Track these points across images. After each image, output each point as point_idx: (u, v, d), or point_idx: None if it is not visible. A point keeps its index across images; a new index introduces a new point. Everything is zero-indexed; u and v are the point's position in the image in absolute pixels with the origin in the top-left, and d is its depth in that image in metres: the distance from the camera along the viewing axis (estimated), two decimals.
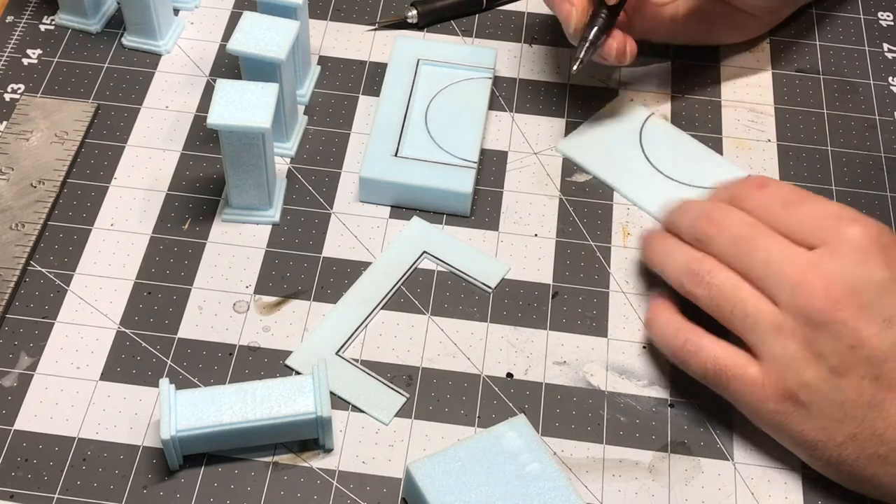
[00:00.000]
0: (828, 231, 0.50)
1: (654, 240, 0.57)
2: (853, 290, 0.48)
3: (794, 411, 0.50)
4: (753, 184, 0.54)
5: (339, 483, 0.51)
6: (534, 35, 0.71)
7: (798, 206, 0.52)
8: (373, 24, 0.71)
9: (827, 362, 0.49)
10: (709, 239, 0.53)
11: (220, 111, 0.55)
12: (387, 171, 0.61)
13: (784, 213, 0.52)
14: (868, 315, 0.48)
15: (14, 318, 0.56)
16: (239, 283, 0.58)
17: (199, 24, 0.70)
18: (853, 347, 0.48)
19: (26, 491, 0.50)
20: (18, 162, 0.62)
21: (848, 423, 0.49)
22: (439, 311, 0.57)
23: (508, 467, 0.49)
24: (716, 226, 0.53)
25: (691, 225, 0.54)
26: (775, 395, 0.50)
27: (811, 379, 0.49)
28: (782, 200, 0.52)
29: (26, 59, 0.67)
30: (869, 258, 0.49)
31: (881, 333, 0.48)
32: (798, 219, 0.51)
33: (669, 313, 0.54)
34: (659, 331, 0.54)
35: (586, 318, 0.58)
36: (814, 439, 0.50)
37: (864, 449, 0.49)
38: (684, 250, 0.54)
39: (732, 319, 0.51)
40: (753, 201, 0.53)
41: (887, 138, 0.66)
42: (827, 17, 0.73)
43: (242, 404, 0.50)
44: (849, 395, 0.48)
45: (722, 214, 0.53)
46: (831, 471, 0.51)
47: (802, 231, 0.51)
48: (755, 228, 0.52)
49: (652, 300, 0.56)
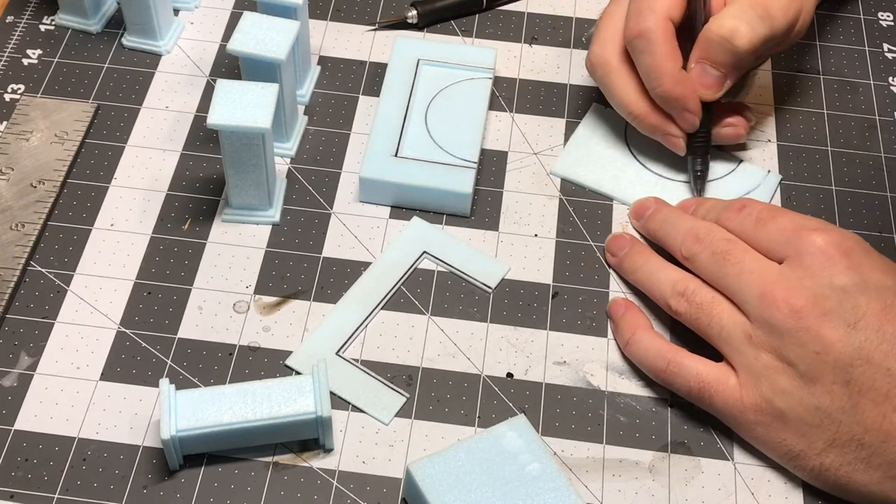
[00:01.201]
0: (791, 243, 0.52)
1: (635, 256, 0.58)
2: (815, 298, 0.50)
3: (772, 421, 0.51)
4: (734, 207, 0.56)
5: (339, 483, 0.51)
6: (534, 35, 0.71)
7: (768, 223, 0.53)
8: (373, 24, 0.71)
9: (797, 369, 0.50)
10: (694, 256, 0.55)
11: (220, 111, 0.55)
12: (387, 171, 0.61)
13: (756, 230, 0.54)
14: (832, 321, 0.49)
15: (14, 318, 0.56)
16: (239, 284, 0.58)
17: (199, 24, 0.70)
18: (819, 353, 0.49)
19: (26, 491, 0.50)
20: (18, 162, 0.62)
21: (825, 429, 0.49)
22: (439, 311, 0.57)
23: (508, 467, 0.49)
24: (700, 243, 0.55)
25: (682, 241, 0.56)
26: (753, 405, 0.51)
27: (785, 385, 0.50)
28: (756, 218, 0.54)
29: (26, 60, 0.67)
30: (831, 265, 0.50)
31: (845, 339, 0.49)
32: (767, 234, 0.53)
33: (649, 335, 0.55)
34: (641, 354, 0.55)
35: (586, 318, 0.58)
36: (795, 448, 0.50)
37: (846, 455, 0.49)
38: (668, 272, 0.56)
39: (710, 332, 0.53)
40: (732, 223, 0.55)
41: (887, 138, 0.66)
42: (827, 17, 0.73)
43: (242, 404, 0.50)
44: (822, 400, 0.49)
45: (705, 232, 0.55)
46: (818, 481, 0.51)
47: (772, 246, 0.53)
48: (732, 244, 0.54)
49: (621, 318, 0.56)
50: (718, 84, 0.59)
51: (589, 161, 0.64)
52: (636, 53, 0.59)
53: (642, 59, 0.59)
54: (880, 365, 0.48)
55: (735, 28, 0.57)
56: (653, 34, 0.58)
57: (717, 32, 0.58)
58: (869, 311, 0.49)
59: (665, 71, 0.58)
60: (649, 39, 0.58)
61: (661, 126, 0.61)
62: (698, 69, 0.59)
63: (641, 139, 0.64)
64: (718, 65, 0.59)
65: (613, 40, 0.61)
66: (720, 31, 0.58)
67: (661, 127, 0.61)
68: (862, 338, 0.49)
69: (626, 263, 0.58)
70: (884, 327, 0.49)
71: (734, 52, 0.58)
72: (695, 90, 0.59)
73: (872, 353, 0.48)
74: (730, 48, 0.58)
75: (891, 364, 0.48)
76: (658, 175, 0.63)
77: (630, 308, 0.57)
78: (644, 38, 0.58)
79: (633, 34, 0.59)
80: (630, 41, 0.59)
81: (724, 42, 0.58)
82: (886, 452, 0.48)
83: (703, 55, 0.59)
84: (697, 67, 0.59)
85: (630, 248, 0.58)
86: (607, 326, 0.57)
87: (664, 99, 0.59)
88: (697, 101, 0.60)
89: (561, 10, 0.72)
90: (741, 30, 0.57)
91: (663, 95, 0.59)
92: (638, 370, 0.56)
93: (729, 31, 0.57)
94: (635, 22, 0.59)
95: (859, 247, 0.52)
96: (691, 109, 0.60)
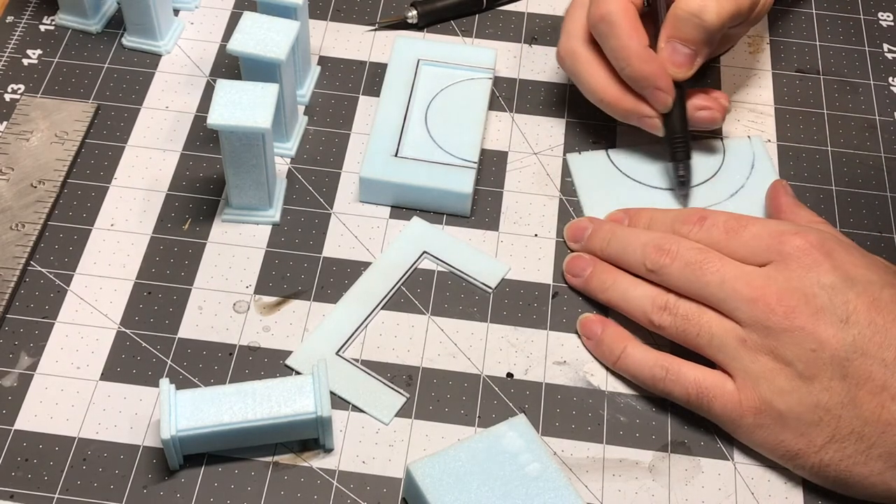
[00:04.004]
0: (772, 248, 0.52)
1: (601, 275, 0.57)
2: (806, 297, 0.50)
3: (771, 423, 0.51)
4: (692, 219, 0.56)
5: (339, 483, 0.51)
6: (534, 35, 0.71)
7: (740, 231, 0.54)
8: (373, 24, 0.71)
9: (795, 368, 0.50)
10: (661, 268, 0.54)
11: (220, 111, 0.55)
12: (387, 171, 0.61)
13: (728, 240, 0.54)
14: (824, 318, 0.50)
15: (14, 318, 0.56)
16: (239, 283, 0.58)
17: (199, 24, 0.70)
18: (815, 351, 0.49)
19: (26, 491, 0.50)
20: (18, 162, 0.62)
21: (825, 426, 0.49)
22: (439, 311, 0.57)
23: (508, 467, 0.49)
24: (667, 255, 0.54)
25: (642, 254, 0.55)
26: (752, 408, 0.51)
27: (784, 385, 0.50)
28: (724, 229, 0.54)
29: (26, 60, 0.67)
30: (816, 265, 0.51)
31: (839, 334, 0.49)
32: (743, 242, 0.53)
33: (640, 348, 0.55)
34: (635, 367, 0.54)
35: None
36: (794, 448, 0.50)
37: (845, 449, 0.49)
38: (643, 288, 0.55)
39: (699, 342, 0.53)
40: (697, 235, 0.55)
41: (887, 138, 0.66)
42: (827, 18, 0.73)
43: (242, 404, 0.50)
44: (821, 397, 0.49)
45: (671, 243, 0.55)
46: (818, 478, 0.51)
47: (750, 253, 0.53)
48: (706, 254, 0.53)
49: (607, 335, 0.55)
50: (689, 62, 0.60)
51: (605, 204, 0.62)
52: (601, 38, 0.60)
53: (608, 42, 0.59)
54: (875, 356, 0.49)
55: (703, 4, 0.58)
56: (614, 16, 0.59)
57: (686, 8, 0.58)
58: (859, 305, 0.50)
59: (631, 50, 0.59)
60: (611, 22, 0.59)
61: (635, 108, 0.61)
62: (669, 48, 0.60)
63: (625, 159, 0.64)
64: (688, 42, 0.59)
65: (580, 30, 0.62)
66: (688, 7, 0.58)
67: (634, 109, 0.61)
68: (855, 332, 0.49)
69: (592, 284, 0.57)
70: (875, 320, 0.49)
71: (703, 27, 0.58)
72: (663, 67, 0.59)
73: (867, 346, 0.49)
74: (699, 23, 0.58)
75: (885, 355, 0.49)
76: (654, 187, 0.63)
77: (608, 323, 0.56)
78: (606, 20, 0.59)
79: (596, 18, 0.59)
80: (594, 26, 0.60)
81: (692, 17, 0.58)
82: (886, 443, 0.49)
83: (673, 33, 0.59)
84: (668, 46, 0.60)
85: (594, 268, 0.58)
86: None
87: (634, 79, 0.60)
88: (668, 78, 0.60)
89: (561, 10, 0.72)
90: (709, 5, 0.58)
91: (632, 75, 0.59)
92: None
93: (698, 6, 0.58)
94: (596, 6, 0.60)
95: (839, 246, 0.52)
96: (662, 87, 0.60)
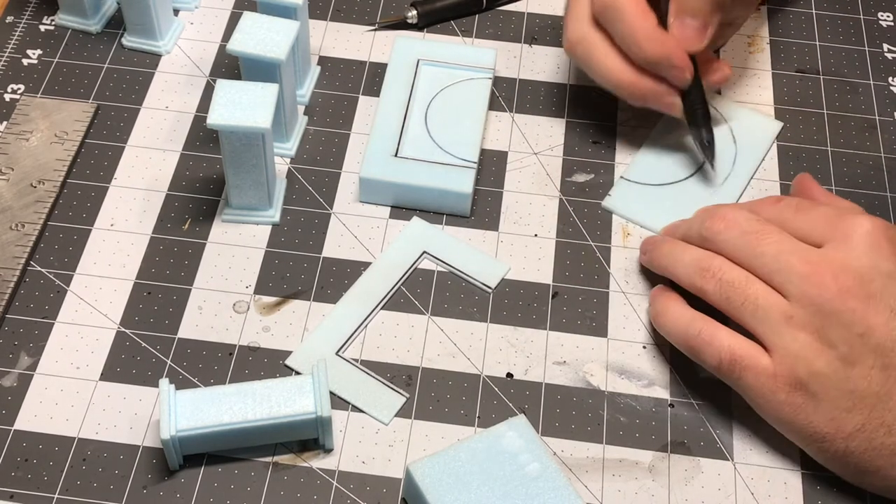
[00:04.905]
0: (837, 227, 0.51)
1: (660, 244, 0.57)
2: (862, 280, 0.49)
3: (803, 403, 0.50)
4: (769, 200, 0.55)
5: (339, 483, 0.51)
6: (534, 35, 0.71)
7: (810, 210, 0.53)
8: (373, 25, 0.71)
9: (837, 351, 0.49)
10: (716, 234, 0.53)
11: (220, 111, 0.55)
12: (387, 171, 0.61)
13: (795, 217, 0.53)
14: (877, 304, 0.49)
15: (14, 318, 0.56)
16: (239, 284, 0.58)
17: (199, 24, 0.70)
18: (862, 336, 0.49)
19: (26, 491, 0.50)
20: (18, 162, 0.62)
21: (857, 413, 0.49)
22: (439, 311, 0.57)
23: (508, 467, 0.49)
24: (724, 221, 0.53)
25: (700, 224, 0.55)
26: (786, 385, 0.50)
27: (822, 368, 0.49)
28: (796, 207, 0.54)
29: (26, 60, 0.67)
30: (877, 250, 0.50)
31: (889, 322, 0.49)
32: (809, 219, 0.53)
33: (679, 305, 0.54)
34: (671, 321, 0.54)
35: (586, 318, 0.58)
36: (822, 431, 0.50)
37: (872, 440, 0.49)
38: (693, 250, 0.55)
39: (742, 313, 0.52)
40: (768, 212, 0.54)
41: (887, 138, 0.66)
42: (827, 18, 0.73)
43: (242, 404, 0.50)
44: (858, 384, 0.49)
45: (730, 211, 0.54)
46: (837, 465, 0.51)
47: (814, 231, 0.52)
48: (764, 225, 0.53)
49: (656, 293, 0.56)
50: (700, 34, 0.59)
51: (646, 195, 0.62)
52: (609, 24, 0.59)
53: (616, 27, 0.59)
54: None
55: None
56: (619, 2, 0.58)
57: None
58: None
59: (641, 33, 0.58)
60: (616, 7, 0.58)
61: (654, 90, 0.60)
62: (677, 24, 0.59)
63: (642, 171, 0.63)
64: (696, 13, 0.59)
65: (586, 17, 0.61)
66: None
67: (653, 91, 0.60)
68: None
69: (654, 255, 0.57)
70: None
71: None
72: (677, 45, 0.59)
73: None
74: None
75: None
76: (680, 181, 0.63)
77: (666, 289, 0.56)
78: (612, 6, 0.59)
79: (601, 6, 0.59)
80: (600, 13, 0.59)
81: None
82: None
83: (679, 8, 0.59)
84: (676, 22, 0.59)
85: (651, 239, 0.58)
86: (607, 326, 0.57)
87: (649, 62, 0.59)
88: (683, 54, 0.59)
89: (561, 10, 0.72)
90: None
91: (647, 58, 0.59)
92: (638, 370, 0.56)
93: None
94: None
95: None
96: (679, 64, 0.59)
